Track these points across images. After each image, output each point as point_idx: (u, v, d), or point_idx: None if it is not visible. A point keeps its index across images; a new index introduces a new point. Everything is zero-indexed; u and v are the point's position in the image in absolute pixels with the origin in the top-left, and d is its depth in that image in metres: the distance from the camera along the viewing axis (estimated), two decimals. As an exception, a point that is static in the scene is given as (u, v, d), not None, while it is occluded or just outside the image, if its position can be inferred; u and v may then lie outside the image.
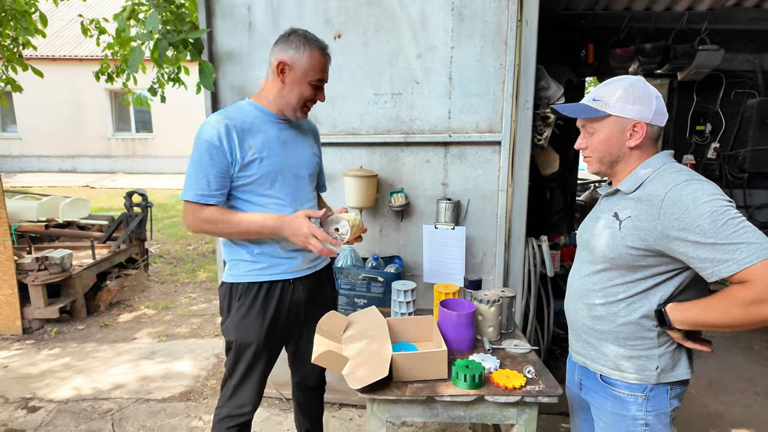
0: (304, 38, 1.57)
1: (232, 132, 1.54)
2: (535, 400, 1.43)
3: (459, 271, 2.44)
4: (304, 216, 1.56)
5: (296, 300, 1.72)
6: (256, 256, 1.65)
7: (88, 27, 5.01)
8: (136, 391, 2.91)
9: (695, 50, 3.80)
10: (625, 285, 1.24)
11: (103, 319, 4.13)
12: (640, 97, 1.22)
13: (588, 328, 1.33)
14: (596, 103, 1.26)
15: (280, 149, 1.63)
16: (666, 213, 1.12)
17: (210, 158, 1.52)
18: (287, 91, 1.59)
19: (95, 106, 13.65)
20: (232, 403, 1.71)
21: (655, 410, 1.26)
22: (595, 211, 1.39)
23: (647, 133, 1.23)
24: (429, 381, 1.48)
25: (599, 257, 1.28)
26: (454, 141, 2.42)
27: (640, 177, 1.23)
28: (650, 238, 1.16)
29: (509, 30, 2.26)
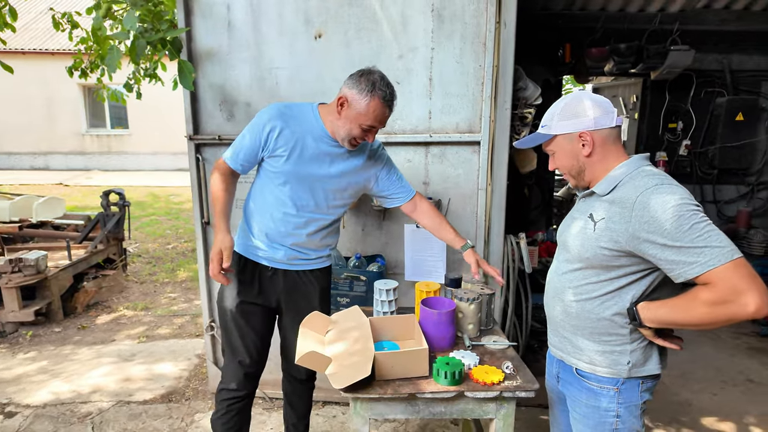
0: (372, 84, 1.63)
1: (277, 124, 1.70)
2: (512, 395, 1.48)
3: (440, 268, 2.48)
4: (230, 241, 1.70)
5: (276, 287, 1.87)
6: (250, 234, 1.85)
7: (60, 21, 4.87)
8: (116, 394, 2.88)
9: (667, 50, 3.92)
10: (599, 283, 1.29)
11: (80, 321, 4.06)
12: (574, 112, 1.30)
13: (564, 324, 1.39)
14: (543, 128, 1.38)
15: (308, 160, 1.74)
16: (636, 216, 1.17)
17: (250, 135, 1.74)
18: (341, 123, 1.69)
19: (68, 101, 13.25)
20: (223, 378, 1.91)
21: (626, 402, 1.33)
22: (573, 211, 1.45)
23: (595, 138, 1.29)
24: (411, 379, 1.52)
25: (575, 256, 1.33)
26: (435, 141, 2.45)
27: (614, 179, 1.28)
28: (622, 239, 1.20)
29: (488, 32, 2.30)
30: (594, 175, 1.34)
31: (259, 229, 1.82)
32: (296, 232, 1.82)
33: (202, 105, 2.55)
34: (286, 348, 2.00)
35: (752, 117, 4.36)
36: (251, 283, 1.85)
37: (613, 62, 4.03)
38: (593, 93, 1.35)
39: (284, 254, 1.83)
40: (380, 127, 1.73)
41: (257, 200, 1.84)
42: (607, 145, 1.31)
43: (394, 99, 1.69)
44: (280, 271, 1.86)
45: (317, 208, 1.82)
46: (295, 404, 2.12)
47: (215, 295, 2.71)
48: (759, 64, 4.36)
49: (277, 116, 1.71)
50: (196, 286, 4.85)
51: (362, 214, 2.59)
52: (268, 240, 1.82)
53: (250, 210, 1.86)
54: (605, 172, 1.31)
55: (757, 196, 4.62)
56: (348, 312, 1.81)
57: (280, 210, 1.79)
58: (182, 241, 6.61)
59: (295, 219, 1.80)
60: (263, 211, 1.82)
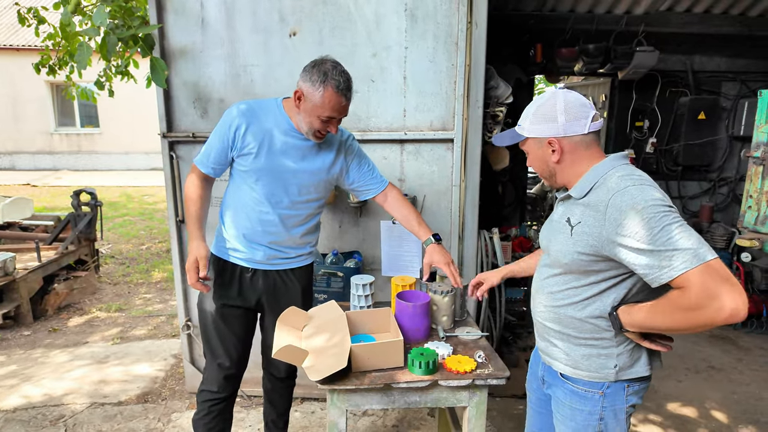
0: (324, 74, 1.60)
1: (242, 122, 1.69)
2: (484, 383, 1.53)
3: (416, 263, 2.53)
4: (204, 249, 1.72)
5: (257, 287, 1.86)
6: (227, 237, 1.83)
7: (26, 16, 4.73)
8: (90, 396, 2.83)
9: (633, 51, 4.07)
10: (580, 288, 1.26)
11: (51, 323, 3.96)
12: (546, 116, 1.25)
13: (549, 329, 1.37)
14: (519, 127, 1.34)
15: (275, 154, 1.73)
16: (609, 219, 1.13)
17: (218, 137, 1.74)
18: (301, 117, 1.69)
19: (35, 99, 12.83)
20: (204, 380, 1.92)
21: (612, 406, 1.29)
22: (553, 214, 1.42)
23: (564, 146, 1.25)
24: (386, 370, 1.56)
25: (554, 262, 1.31)
26: (410, 139, 2.49)
27: (589, 182, 1.24)
28: (597, 243, 1.17)
29: (460, 31, 2.36)
30: (566, 179, 1.31)
31: (236, 231, 1.81)
32: (273, 230, 1.81)
33: (175, 102, 2.53)
34: (268, 347, 1.98)
35: (713, 116, 4.56)
36: (231, 286, 1.84)
37: (582, 62, 4.16)
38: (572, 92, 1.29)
39: (263, 254, 1.82)
40: (340, 116, 1.69)
41: (231, 202, 1.82)
42: (578, 151, 1.26)
43: (350, 87, 1.66)
44: (260, 272, 1.85)
45: (292, 204, 1.81)
46: (276, 402, 2.13)
47: (191, 295, 2.69)
48: (719, 65, 4.56)
49: (242, 114, 1.70)
50: (171, 287, 4.79)
51: (339, 211, 2.62)
52: (246, 240, 1.80)
53: (225, 212, 1.85)
54: (578, 176, 1.27)
55: (719, 192, 4.83)
56: (324, 306, 1.84)
57: (255, 209, 1.78)
58: (156, 242, 6.50)
59: (270, 216, 1.79)
60: (238, 211, 1.80)
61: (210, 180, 1.84)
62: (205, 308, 1.86)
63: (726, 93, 4.61)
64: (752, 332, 3.83)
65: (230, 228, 1.82)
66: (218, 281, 1.84)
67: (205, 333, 1.90)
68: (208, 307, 1.84)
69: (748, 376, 3.17)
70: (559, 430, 1.41)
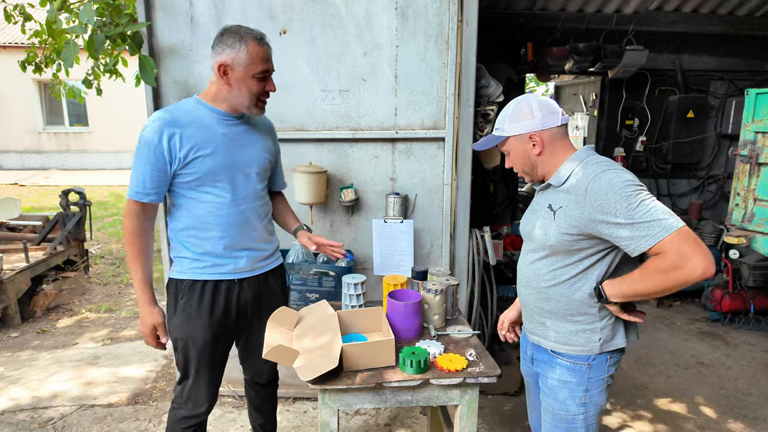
0: (238, 34, 1.54)
1: (174, 130, 1.54)
2: (476, 381, 1.54)
3: (408, 262, 2.53)
4: (160, 315, 1.64)
5: (243, 299, 1.74)
6: (199, 255, 1.66)
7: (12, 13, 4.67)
8: (79, 398, 2.80)
9: (623, 50, 4.10)
10: (566, 267, 1.39)
11: (39, 325, 3.91)
12: (522, 114, 1.41)
13: (538, 309, 1.48)
14: (497, 131, 1.47)
15: (225, 147, 1.62)
16: (589, 200, 1.28)
17: (147, 156, 1.54)
18: (236, 91, 1.59)
19: (22, 97, 12.65)
20: (189, 405, 1.73)
21: (595, 377, 1.43)
22: (533, 204, 1.55)
23: (544, 138, 1.40)
24: (378, 369, 1.55)
25: (540, 245, 1.43)
26: (401, 137, 2.49)
27: (567, 171, 1.38)
28: (580, 223, 1.31)
29: (450, 30, 2.36)
30: (546, 170, 1.45)
31: (211, 245, 1.65)
32: (248, 228, 1.71)
33: (164, 101, 2.50)
34: (249, 351, 1.90)
35: (702, 114, 4.61)
36: (215, 306, 1.68)
37: (572, 61, 4.18)
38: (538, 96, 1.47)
39: (247, 260, 1.72)
40: (270, 68, 1.62)
41: (189, 222, 1.64)
42: (555, 142, 1.41)
43: (264, 36, 1.59)
44: (245, 281, 1.74)
45: (255, 193, 1.72)
46: (261, 407, 2.06)
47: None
48: (707, 64, 4.60)
49: (167, 124, 1.53)
50: (161, 287, 4.74)
51: (331, 210, 2.61)
52: (226, 251, 1.67)
53: (184, 235, 1.66)
54: (556, 166, 1.42)
55: (707, 189, 4.88)
56: (315, 306, 1.83)
57: (222, 214, 1.64)
58: (147, 242, 6.43)
59: (241, 215, 1.68)
60: (204, 226, 1.64)
61: (151, 212, 1.64)
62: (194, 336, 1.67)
63: (714, 92, 4.66)
64: (740, 328, 3.88)
65: (200, 246, 1.65)
66: (202, 306, 1.66)
67: (189, 360, 1.70)
68: (198, 336, 1.67)
69: (736, 372, 3.21)
70: (546, 403, 1.51)
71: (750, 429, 2.61)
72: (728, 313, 3.94)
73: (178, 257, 1.70)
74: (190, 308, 1.66)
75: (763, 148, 2.89)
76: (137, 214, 1.59)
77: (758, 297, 3.86)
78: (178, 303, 1.68)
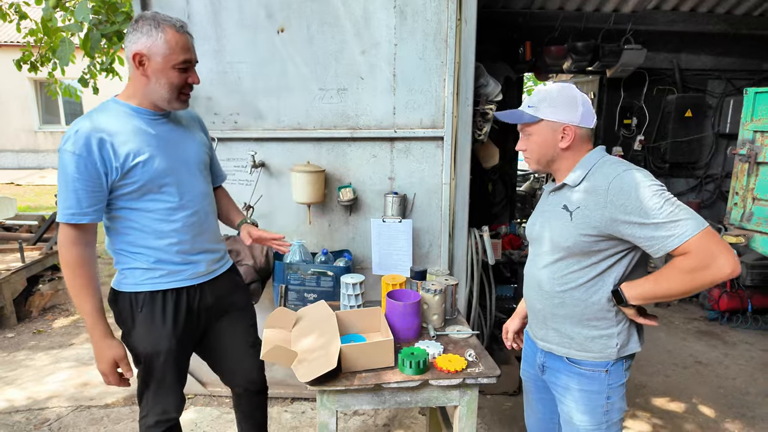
0: (154, 20, 1.41)
1: (103, 138, 1.39)
2: (475, 382, 1.53)
3: (406, 262, 2.52)
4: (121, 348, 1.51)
5: (204, 304, 1.67)
6: (153, 264, 1.54)
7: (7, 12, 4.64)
8: (75, 399, 2.78)
9: (621, 49, 4.09)
10: (582, 270, 1.34)
11: (35, 325, 3.89)
12: (567, 103, 1.34)
13: (552, 315, 1.42)
14: (531, 109, 1.38)
15: (163, 149, 1.50)
16: (611, 200, 1.24)
17: (77, 171, 1.37)
18: (154, 83, 1.45)
19: (18, 96, 12.59)
20: (156, 410, 1.63)
21: (614, 383, 1.39)
22: (543, 205, 1.49)
23: (576, 134, 1.35)
24: (377, 370, 1.54)
25: (555, 248, 1.37)
26: (400, 136, 2.48)
27: (583, 171, 1.34)
28: (600, 224, 1.27)
29: (449, 28, 2.34)
30: (561, 167, 1.40)
31: (165, 255, 1.55)
32: (201, 229, 1.63)
33: (161, 100, 2.48)
34: (238, 354, 1.80)
35: (699, 114, 4.61)
36: (178, 314, 1.59)
37: (571, 60, 4.17)
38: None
39: (205, 264, 1.65)
40: (193, 58, 1.49)
41: (139, 234, 1.52)
42: (581, 143, 1.37)
43: (185, 24, 1.47)
44: (205, 285, 1.66)
45: (203, 193, 1.64)
46: (255, 415, 1.95)
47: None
48: (705, 63, 4.60)
49: (94, 132, 1.39)
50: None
51: (329, 210, 2.60)
52: (183, 257, 1.58)
53: (135, 248, 1.53)
54: (571, 166, 1.38)
55: (705, 189, 4.88)
56: (314, 306, 1.82)
57: (172, 219, 1.54)
58: (144, 241, 6.40)
59: (193, 216, 1.59)
60: (159, 236, 1.53)
61: (93, 237, 1.48)
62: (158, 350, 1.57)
63: (712, 91, 4.66)
64: (738, 327, 3.89)
65: (153, 255, 1.54)
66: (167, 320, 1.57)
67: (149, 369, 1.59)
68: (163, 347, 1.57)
69: (734, 371, 3.21)
70: (567, 414, 1.45)
71: (748, 428, 2.61)
72: (726, 312, 3.95)
73: (127, 269, 1.55)
74: (152, 320, 1.54)
75: (762, 147, 2.89)
76: (75, 240, 1.42)
77: (756, 296, 3.87)
78: (136, 316, 1.55)
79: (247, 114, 2.50)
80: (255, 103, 2.48)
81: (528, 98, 1.41)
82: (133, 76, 1.48)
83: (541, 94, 1.38)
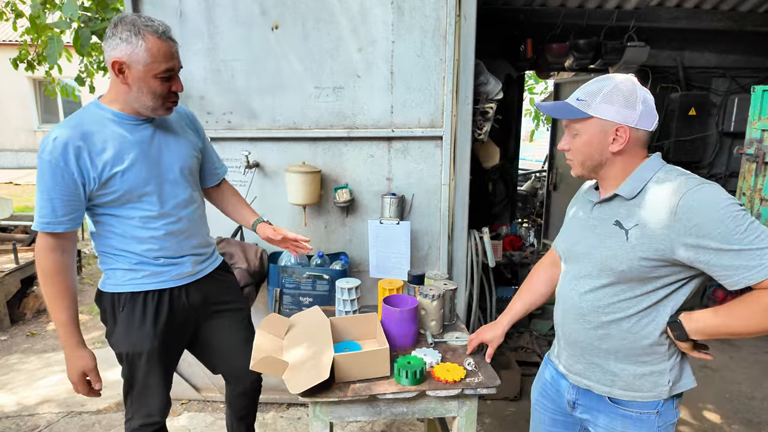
0: (134, 26, 1.33)
1: (80, 147, 1.34)
2: (474, 392, 1.47)
3: (405, 265, 2.45)
4: (92, 359, 1.50)
5: (191, 303, 1.63)
6: (134, 266, 1.52)
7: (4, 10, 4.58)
8: (67, 405, 2.73)
9: (624, 46, 4.02)
10: (635, 299, 1.16)
11: (29, 327, 3.84)
12: (625, 100, 1.13)
13: (594, 349, 1.24)
14: (580, 103, 1.17)
15: (143, 156, 1.45)
16: (681, 220, 1.05)
17: (53, 180, 1.34)
18: (136, 92, 1.38)
19: (16, 95, 12.56)
20: (141, 413, 1.62)
21: (665, 423, 1.22)
22: (585, 218, 1.27)
23: (631, 137, 1.14)
24: (372, 380, 1.48)
25: (604, 271, 1.18)
26: (397, 136, 2.42)
27: (640, 181, 1.15)
28: (664, 247, 1.08)
29: (448, 25, 2.28)
30: (608, 174, 1.20)
31: (139, 260, 1.51)
32: (185, 236, 1.59)
33: (153, 99, 2.42)
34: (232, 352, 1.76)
35: (703, 112, 4.53)
36: (159, 314, 1.56)
37: (573, 58, 4.10)
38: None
39: (191, 265, 1.61)
40: (176, 66, 1.42)
41: (120, 239, 1.50)
42: (637, 147, 1.17)
43: (168, 29, 1.38)
44: (191, 285, 1.63)
45: (187, 200, 1.59)
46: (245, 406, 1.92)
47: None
48: (709, 61, 4.53)
49: (71, 140, 1.34)
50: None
51: (325, 212, 2.54)
52: (166, 260, 1.55)
53: (115, 251, 1.51)
54: (621, 175, 1.18)
55: (709, 188, 4.81)
56: (307, 313, 1.76)
57: (155, 228, 1.51)
58: (142, 242, 6.35)
59: (176, 224, 1.56)
60: (140, 242, 1.50)
61: (70, 244, 1.44)
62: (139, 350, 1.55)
63: (716, 89, 4.58)
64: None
65: (135, 258, 1.51)
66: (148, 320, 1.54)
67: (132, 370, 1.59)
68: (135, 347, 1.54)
69: (740, 375, 3.15)
70: None
71: (755, 435, 2.55)
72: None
73: (110, 269, 1.53)
74: (132, 320, 1.52)
75: (769, 147, 2.83)
76: (52, 247, 1.38)
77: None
78: (117, 316, 1.53)
79: (241, 113, 2.43)
80: (249, 102, 2.42)
81: (578, 89, 1.20)
82: (113, 82, 1.41)
83: (594, 85, 1.17)
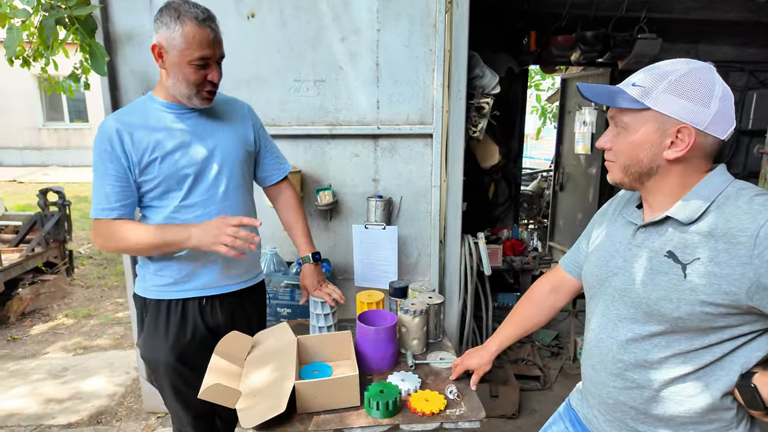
0: (176, 11, 1.32)
1: (124, 133, 1.37)
2: (455, 426, 1.28)
3: (392, 273, 2.27)
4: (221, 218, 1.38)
5: (215, 320, 1.54)
6: (158, 270, 1.49)
7: None
8: (37, 417, 2.59)
9: (634, 39, 3.78)
10: (694, 353, 0.91)
11: (11, 331, 3.71)
12: (696, 92, 0.86)
13: (638, 414, 0.99)
14: (636, 89, 0.90)
15: (185, 144, 1.43)
16: (763, 254, 0.81)
17: (104, 166, 1.38)
18: (172, 77, 1.38)
19: (21, 92, 12.52)
20: (175, 421, 1.62)
21: None
22: (627, 245, 1.00)
23: (696, 143, 0.88)
24: (339, 410, 1.30)
25: (653, 316, 0.93)
26: (384, 133, 2.23)
27: (704, 201, 0.89)
28: (738, 289, 0.84)
29: (438, 12, 2.09)
30: (658, 189, 0.95)
31: (162, 264, 1.48)
32: None
33: (123, 93, 2.26)
34: None
35: (719, 108, 4.29)
36: (183, 327, 1.49)
37: (579, 51, 3.87)
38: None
39: (218, 273, 1.51)
40: (214, 54, 1.37)
41: None
42: (701, 157, 0.91)
43: (212, 18, 1.36)
44: (216, 300, 1.54)
45: (230, 194, 1.50)
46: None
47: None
48: (726, 54, 4.28)
49: (117, 127, 1.37)
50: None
51: (306, 215, 2.36)
52: (195, 265, 1.49)
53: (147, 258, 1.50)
54: (679, 190, 0.93)
55: (724, 189, 4.56)
56: (273, 330, 1.58)
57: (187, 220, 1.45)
58: (137, 241, 6.23)
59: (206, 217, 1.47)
60: None
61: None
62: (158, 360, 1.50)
63: (733, 84, 4.32)
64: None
65: (160, 260, 1.48)
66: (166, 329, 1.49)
67: (156, 376, 1.55)
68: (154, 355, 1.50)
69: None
70: None
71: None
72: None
73: (141, 269, 1.54)
74: (155, 330, 1.50)
75: (792, 145, 2.60)
76: (104, 231, 1.40)
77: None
78: (144, 321, 1.53)
79: (217, 109, 2.26)
80: (225, 96, 2.25)
81: (636, 74, 0.93)
82: (161, 72, 1.41)
83: (657, 71, 0.90)
